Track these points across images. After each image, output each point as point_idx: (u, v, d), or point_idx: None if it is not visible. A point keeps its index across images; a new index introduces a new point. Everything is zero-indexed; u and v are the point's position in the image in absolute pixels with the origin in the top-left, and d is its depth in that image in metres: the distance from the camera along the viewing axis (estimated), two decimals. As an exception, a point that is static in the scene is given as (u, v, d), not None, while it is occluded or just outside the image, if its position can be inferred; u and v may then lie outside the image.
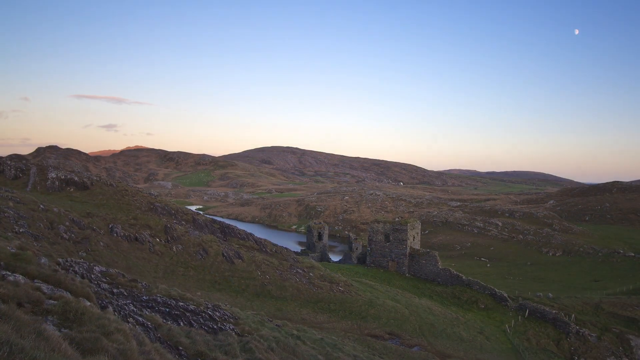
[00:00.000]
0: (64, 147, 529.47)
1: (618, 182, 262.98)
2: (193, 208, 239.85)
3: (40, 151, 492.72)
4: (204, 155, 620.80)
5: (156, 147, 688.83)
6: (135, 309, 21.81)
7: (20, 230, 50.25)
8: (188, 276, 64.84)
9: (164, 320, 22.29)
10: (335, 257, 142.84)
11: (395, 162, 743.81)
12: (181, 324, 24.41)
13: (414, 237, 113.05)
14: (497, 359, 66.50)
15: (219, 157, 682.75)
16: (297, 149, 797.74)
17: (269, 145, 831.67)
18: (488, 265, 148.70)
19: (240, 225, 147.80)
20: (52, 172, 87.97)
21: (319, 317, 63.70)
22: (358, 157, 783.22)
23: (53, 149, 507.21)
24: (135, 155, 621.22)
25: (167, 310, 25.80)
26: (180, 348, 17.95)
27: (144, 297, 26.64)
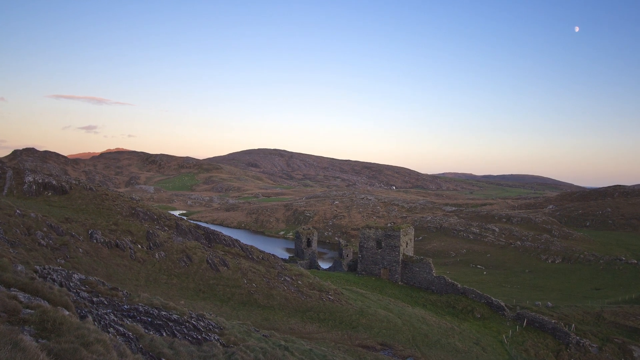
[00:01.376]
0: (41, 149, 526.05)
1: (620, 186, 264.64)
2: (176, 213, 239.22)
3: (16, 154, 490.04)
4: (187, 157, 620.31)
5: (138, 150, 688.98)
6: (115, 319, 21.79)
7: (-5, 237, 49.99)
8: (171, 284, 64.73)
9: (146, 330, 22.29)
10: (324, 265, 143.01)
11: (388, 165, 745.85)
12: (164, 334, 24.40)
13: (407, 244, 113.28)
14: (494, 371, 66.71)
15: (203, 159, 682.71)
16: (285, 151, 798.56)
17: (256, 147, 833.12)
18: (484, 272, 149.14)
19: (226, 231, 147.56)
20: (29, 176, 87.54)
21: (307, 327, 63.72)
22: (349, 160, 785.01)
23: (30, 151, 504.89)
24: (116, 158, 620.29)
25: (149, 319, 25.78)
26: (163, 359, 17.95)
27: (125, 306, 26.61)
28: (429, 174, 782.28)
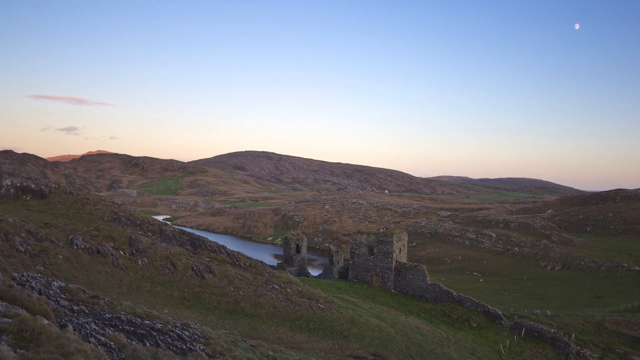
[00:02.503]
0: (19, 151, 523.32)
1: (622, 189, 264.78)
2: (160, 218, 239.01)
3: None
4: (172, 160, 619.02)
5: (120, 152, 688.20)
6: (97, 328, 21.76)
7: (-30, 243, 49.80)
8: (154, 292, 64.57)
9: (129, 340, 22.27)
10: (314, 272, 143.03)
11: (380, 168, 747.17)
12: (147, 344, 24.37)
13: (400, 250, 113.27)
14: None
15: (188, 162, 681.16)
16: (273, 153, 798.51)
17: (243, 149, 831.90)
18: (481, 280, 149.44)
19: (212, 237, 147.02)
20: (6, 179, 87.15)
21: (297, 336, 63.68)
22: (339, 163, 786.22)
23: (8, 153, 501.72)
24: (97, 161, 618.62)
25: (132, 329, 25.75)
26: (147, 370, 17.94)
27: (107, 315, 26.57)
28: (423, 177, 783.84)
